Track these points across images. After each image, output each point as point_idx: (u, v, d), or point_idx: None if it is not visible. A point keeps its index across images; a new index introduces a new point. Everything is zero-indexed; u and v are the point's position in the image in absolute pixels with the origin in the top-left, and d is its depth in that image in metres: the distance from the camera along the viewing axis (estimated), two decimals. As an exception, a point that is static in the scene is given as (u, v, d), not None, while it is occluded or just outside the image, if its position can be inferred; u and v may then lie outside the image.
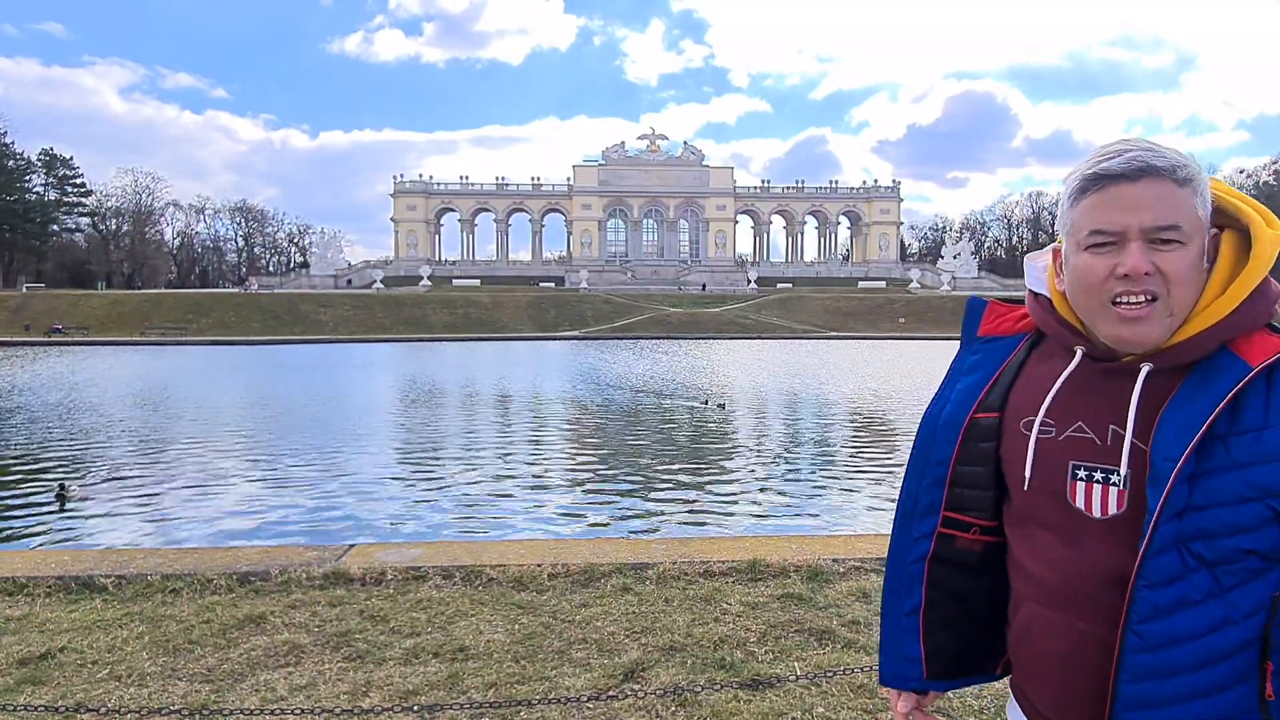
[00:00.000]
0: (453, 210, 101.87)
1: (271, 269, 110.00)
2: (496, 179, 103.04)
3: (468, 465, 11.08)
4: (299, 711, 2.94)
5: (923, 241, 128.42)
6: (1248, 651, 1.06)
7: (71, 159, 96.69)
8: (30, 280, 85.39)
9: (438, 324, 62.86)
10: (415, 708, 3.03)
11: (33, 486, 9.55)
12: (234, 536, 7.40)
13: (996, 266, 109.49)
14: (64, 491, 8.64)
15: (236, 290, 79.30)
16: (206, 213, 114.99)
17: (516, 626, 3.84)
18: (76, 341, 50.66)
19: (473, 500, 9.01)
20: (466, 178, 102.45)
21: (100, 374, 27.43)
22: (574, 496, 9.20)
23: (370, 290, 76.86)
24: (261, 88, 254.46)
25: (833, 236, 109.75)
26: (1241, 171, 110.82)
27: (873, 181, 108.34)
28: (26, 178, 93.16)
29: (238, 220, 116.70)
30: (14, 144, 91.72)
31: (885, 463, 11.39)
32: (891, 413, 16.93)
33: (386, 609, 4.05)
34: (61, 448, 12.40)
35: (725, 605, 4.08)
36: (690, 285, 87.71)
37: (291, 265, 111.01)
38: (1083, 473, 1.12)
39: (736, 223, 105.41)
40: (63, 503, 8.42)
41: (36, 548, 6.93)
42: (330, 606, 4.09)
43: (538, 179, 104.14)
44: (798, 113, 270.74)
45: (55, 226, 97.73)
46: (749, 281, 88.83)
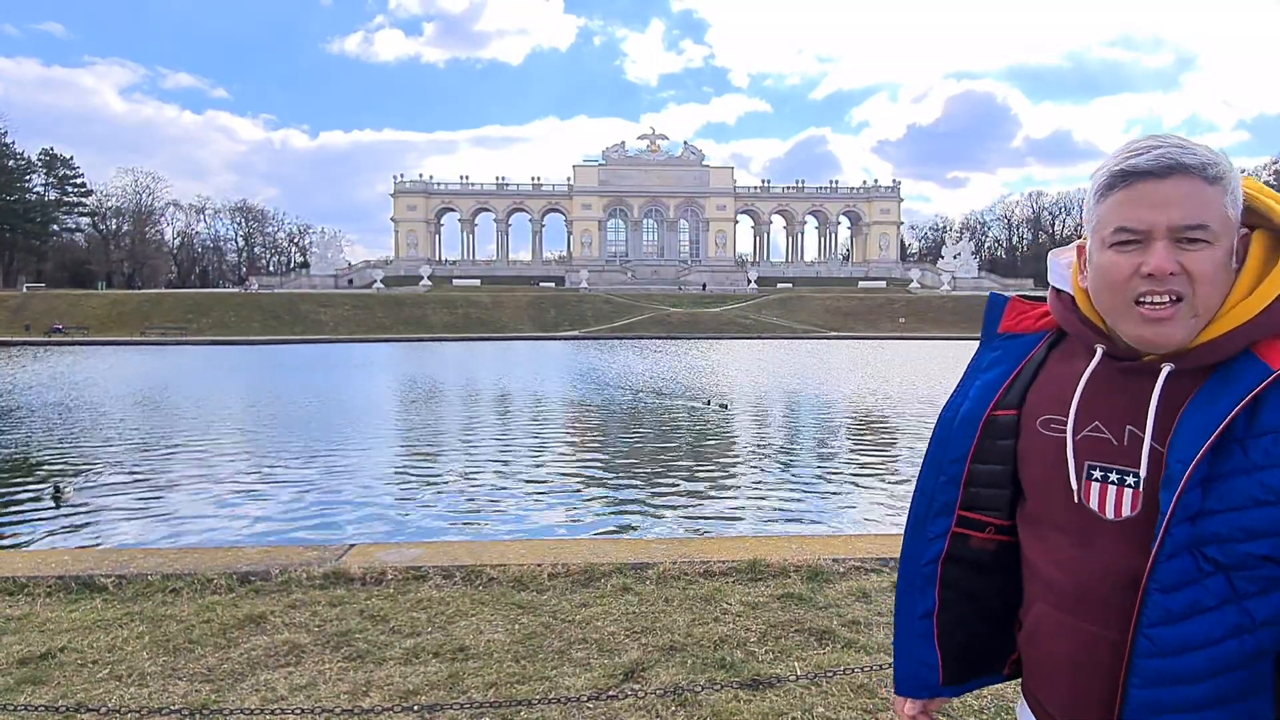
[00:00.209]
0: (453, 210, 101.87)
1: (271, 269, 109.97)
2: (496, 179, 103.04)
3: (468, 465, 11.08)
4: (299, 711, 2.94)
5: (923, 241, 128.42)
6: (1263, 662, 1.04)
7: (72, 159, 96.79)
8: (30, 280, 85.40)
9: (438, 324, 62.87)
10: (415, 707, 3.03)
11: (31, 487, 9.55)
12: (234, 536, 7.41)
13: (996, 266, 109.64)
14: (59, 492, 8.62)
15: (236, 290, 79.32)
16: (206, 213, 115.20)
17: (516, 626, 3.84)
18: (76, 341, 50.66)
19: (473, 500, 9.01)
20: (466, 178, 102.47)
21: (100, 374, 27.42)
22: (574, 496, 9.20)
23: (370, 290, 76.87)
24: (261, 88, 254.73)
25: (833, 236, 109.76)
26: (1242, 171, 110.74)
27: (873, 181, 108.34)
28: (27, 178, 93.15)
29: (238, 220, 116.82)
30: (14, 144, 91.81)
31: (885, 463, 11.40)
32: (892, 413, 16.93)
33: (387, 609, 4.05)
34: (61, 447, 12.40)
35: (725, 605, 4.08)
36: (690, 285, 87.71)
37: (291, 265, 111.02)
38: (1098, 473, 1.10)
39: (736, 223, 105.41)
40: (58, 503, 8.41)
41: (37, 548, 6.93)
42: (330, 606, 4.09)
43: (538, 179, 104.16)
44: (798, 113, 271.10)
45: (55, 226, 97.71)
46: (749, 281, 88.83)
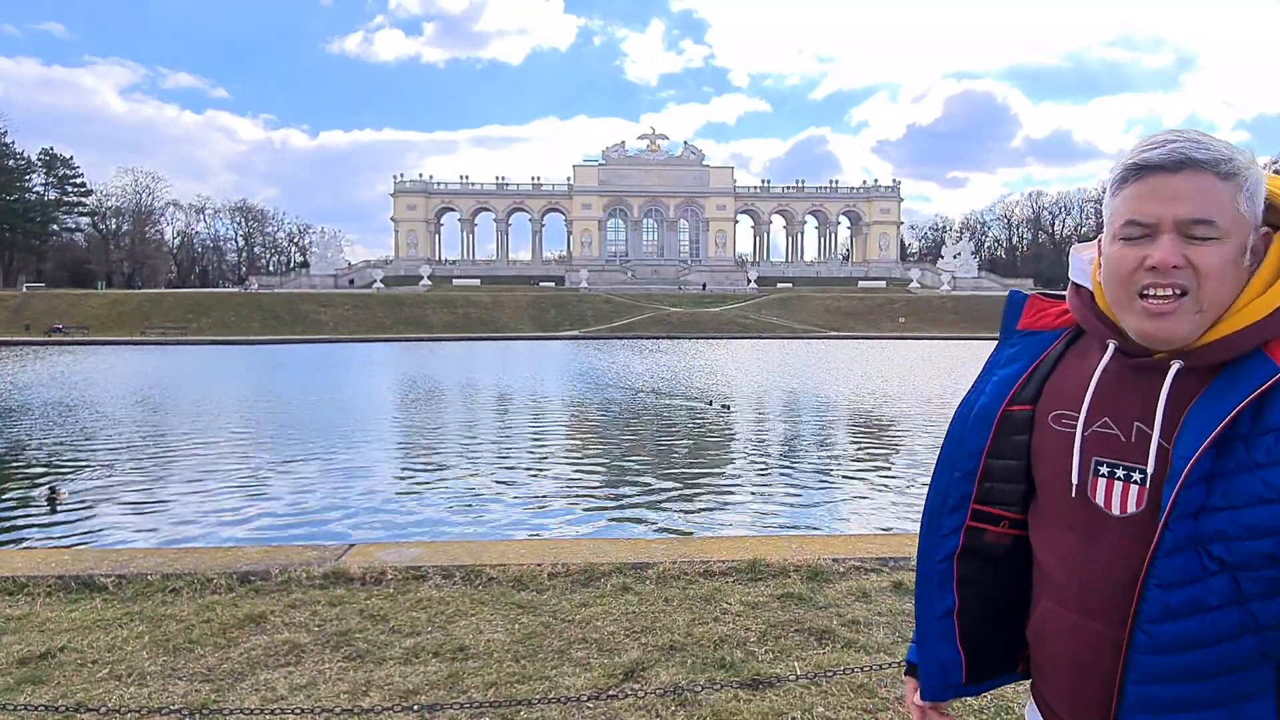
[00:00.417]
0: (453, 210, 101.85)
1: (271, 269, 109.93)
2: (496, 179, 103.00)
3: (468, 465, 11.08)
4: (299, 711, 2.94)
5: (923, 241, 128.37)
6: (1267, 666, 1.03)
7: (71, 159, 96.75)
8: (30, 280, 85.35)
9: (438, 324, 62.86)
10: (415, 707, 3.03)
11: (31, 486, 9.55)
12: (234, 536, 7.41)
13: (996, 266, 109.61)
14: (54, 494, 8.59)
15: (236, 290, 79.30)
16: (206, 212, 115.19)
17: (516, 626, 3.84)
18: (76, 341, 50.66)
19: (473, 500, 9.01)
20: (466, 177, 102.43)
21: (100, 373, 27.42)
22: (574, 496, 9.19)
23: (370, 290, 76.86)
24: (261, 88, 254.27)
25: (833, 236, 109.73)
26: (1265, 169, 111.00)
27: (873, 181, 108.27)
28: (27, 177, 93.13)
29: (238, 220, 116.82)
30: (14, 144, 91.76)
31: (885, 462, 11.40)
32: (892, 413, 16.94)
33: (386, 608, 4.05)
34: (60, 447, 12.40)
35: (725, 605, 4.08)
36: (690, 285, 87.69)
37: (291, 265, 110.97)
38: (1105, 469, 1.11)
39: (736, 222, 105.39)
40: (53, 506, 8.38)
41: (35, 547, 6.93)
42: (330, 606, 4.09)
43: (538, 179, 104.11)
44: (798, 113, 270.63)
45: (55, 226, 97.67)
46: (749, 281, 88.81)
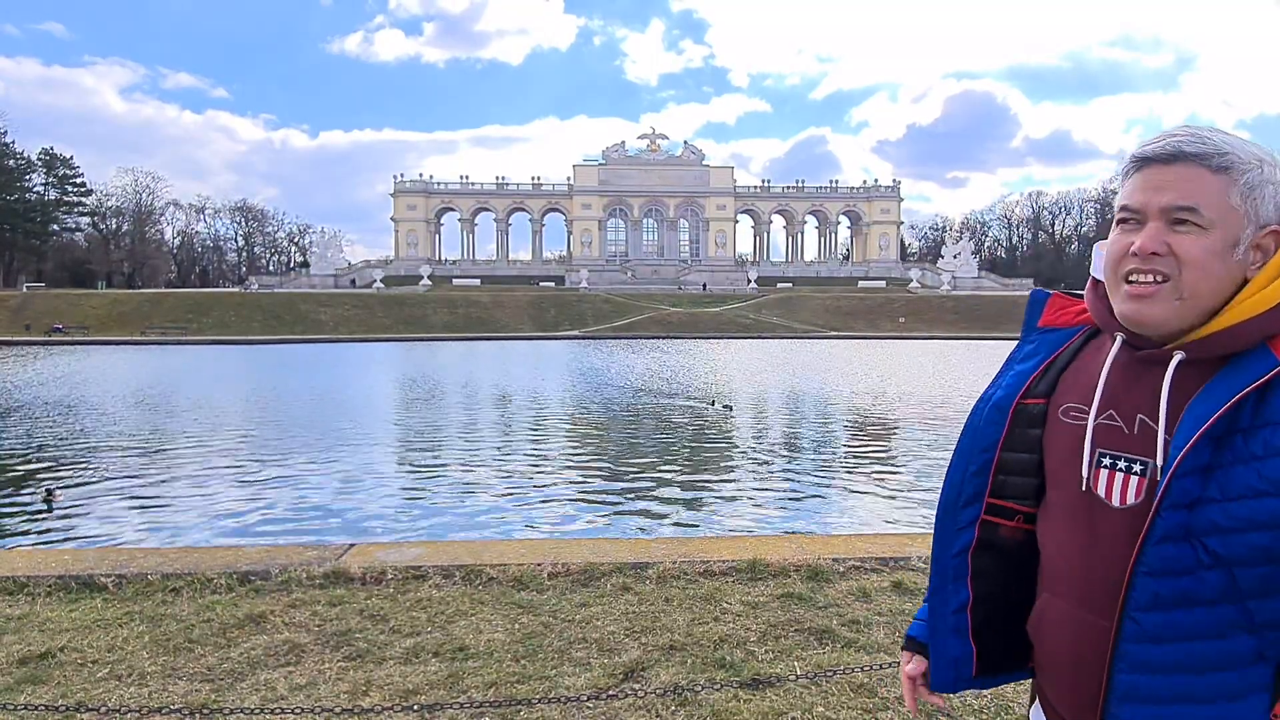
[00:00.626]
0: (453, 210, 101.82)
1: (271, 269, 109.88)
2: (497, 179, 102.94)
3: (468, 465, 11.09)
4: (299, 711, 2.94)
5: (923, 241, 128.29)
6: (1261, 666, 1.03)
7: (72, 159, 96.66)
8: (30, 280, 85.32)
9: (438, 324, 62.87)
10: (415, 707, 3.03)
11: (31, 486, 9.55)
12: (234, 536, 7.41)
13: (997, 266, 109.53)
14: (50, 496, 8.56)
15: (237, 290, 79.30)
16: (207, 212, 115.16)
17: (516, 626, 3.84)
18: (77, 341, 50.67)
19: (473, 499, 9.01)
20: (467, 177, 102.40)
21: (100, 374, 27.43)
22: (574, 496, 9.19)
23: (370, 290, 76.88)
24: (261, 88, 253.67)
25: (833, 236, 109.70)
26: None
27: (873, 181, 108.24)
28: (27, 177, 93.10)
29: (238, 220, 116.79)
30: (14, 144, 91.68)
31: (886, 462, 11.40)
32: (892, 412, 16.94)
33: (386, 608, 4.05)
34: (60, 447, 12.40)
35: (725, 605, 4.08)
36: (690, 285, 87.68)
37: (291, 265, 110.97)
38: (1107, 461, 1.12)
39: (737, 222, 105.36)
40: (50, 507, 8.36)
41: (36, 547, 6.93)
42: (330, 606, 4.09)
43: (538, 179, 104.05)
44: (798, 113, 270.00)
45: (55, 226, 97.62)
46: (749, 281, 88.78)
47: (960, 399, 19.23)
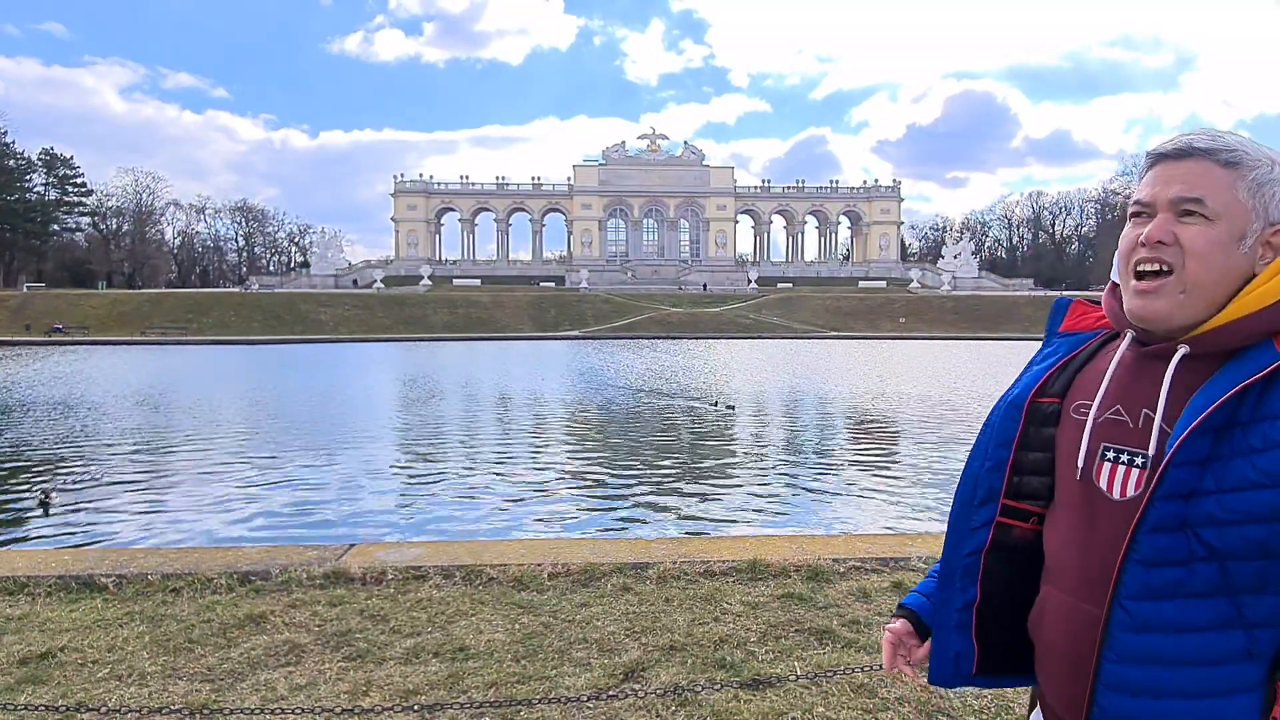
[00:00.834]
0: (453, 210, 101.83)
1: (272, 269, 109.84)
2: (497, 179, 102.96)
3: (468, 464, 11.09)
4: (299, 711, 2.94)
5: (923, 241, 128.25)
6: (1252, 664, 1.03)
7: (72, 159, 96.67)
8: (31, 280, 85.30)
9: (438, 324, 62.87)
10: (415, 707, 3.03)
11: (30, 486, 9.54)
12: (234, 536, 7.41)
13: (997, 266, 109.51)
14: (47, 499, 8.52)
15: (237, 290, 79.28)
16: (207, 212, 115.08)
17: (517, 626, 3.84)
18: (77, 341, 50.68)
19: (473, 499, 9.01)
20: (467, 177, 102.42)
21: (100, 373, 27.42)
22: (574, 496, 9.19)
23: (371, 290, 76.89)
24: (261, 88, 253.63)
25: (833, 236, 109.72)
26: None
27: (873, 181, 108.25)
28: (27, 177, 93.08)
29: (238, 220, 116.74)
30: (14, 144, 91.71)
31: (886, 462, 11.39)
32: (892, 412, 16.93)
33: (387, 608, 4.05)
34: (60, 448, 12.40)
35: (725, 605, 4.08)
36: (691, 285, 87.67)
37: (292, 265, 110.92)
38: (1111, 454, 1.13)
39: (737, 222, 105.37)
40: (46, 510, 8.33)
41: (37, 547, 6.93)
42: (330, 606, 4.09)
43: (538, 179, 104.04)
44: (798, 113, 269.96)
45: (56, 226, 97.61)
46: (749, 281, 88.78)
47: (960, 399, 19.23)
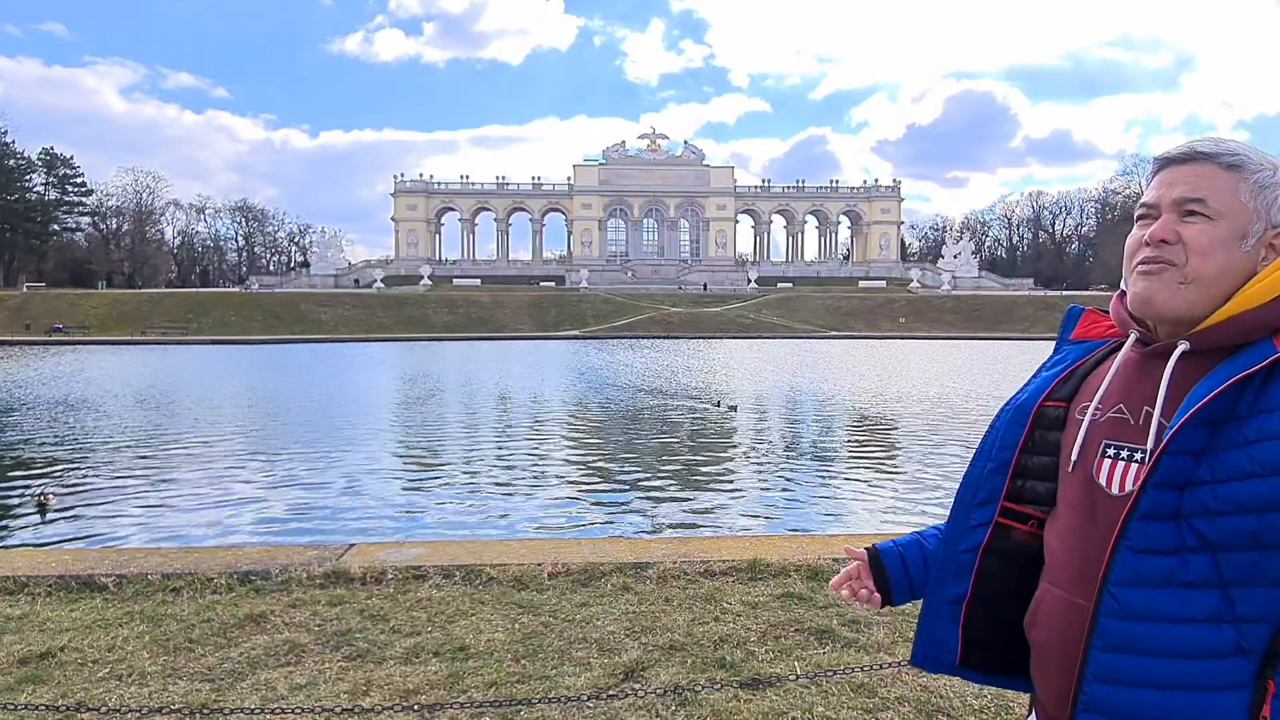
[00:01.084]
0: (453, 210, 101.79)
1: (272, 268, 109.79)
2: (497, 178, 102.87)
3: (468, 464, 11.09)
4: (299, 711, 2.94)
5: (923, 241, 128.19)
6: (1242, 660, 1.02)
7: (72, 158, 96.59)
8: (31, 280, 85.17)
9: (438, 323, 62.86)
10: (415, 707, 3.03)
11: (30, 486, 9.54)
12: (234, 536, 7.41)
13: (997, 266, 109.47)
14: (44, 500, 8.48)
15: (237, 290, 79.24)
16: (207, 212, 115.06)
17: (517, 626, 3.85)
18: (77, 341, 50.67)
19: (473, 499, 9.02)
20: (467, 177, 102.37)
21: (101, 373, 27.42)
22: (574, 496, 9.20)
23: (371, 290, 76.85)
24: (261, 88, 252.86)
25: (833, 236, 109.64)
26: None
27: (873, 181, 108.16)
28: (27, 177, 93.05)
29: (238, 220, 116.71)
30: (15, 143, 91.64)
31: (886, 462, 11.39)
32: (892, 412, 16.93)
33: (387, 608, 4.06)
34: (60, 448, 12.40)
35: (725, 605, 4.09)
36: (691, 285, 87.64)
37: (292, 265, 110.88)
38: (1111, 450, 1.15)
39: (737, 222, 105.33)
40: (43, 512, 8.31)
41: (36, 547, 6.93)
42: (330, 606, 4.10)
43: (538, 178, 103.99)
44: (798, 113, 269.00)
45: (56, 226, 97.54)
46: (749, 281, 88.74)
47: (960, 399, 19.24)
